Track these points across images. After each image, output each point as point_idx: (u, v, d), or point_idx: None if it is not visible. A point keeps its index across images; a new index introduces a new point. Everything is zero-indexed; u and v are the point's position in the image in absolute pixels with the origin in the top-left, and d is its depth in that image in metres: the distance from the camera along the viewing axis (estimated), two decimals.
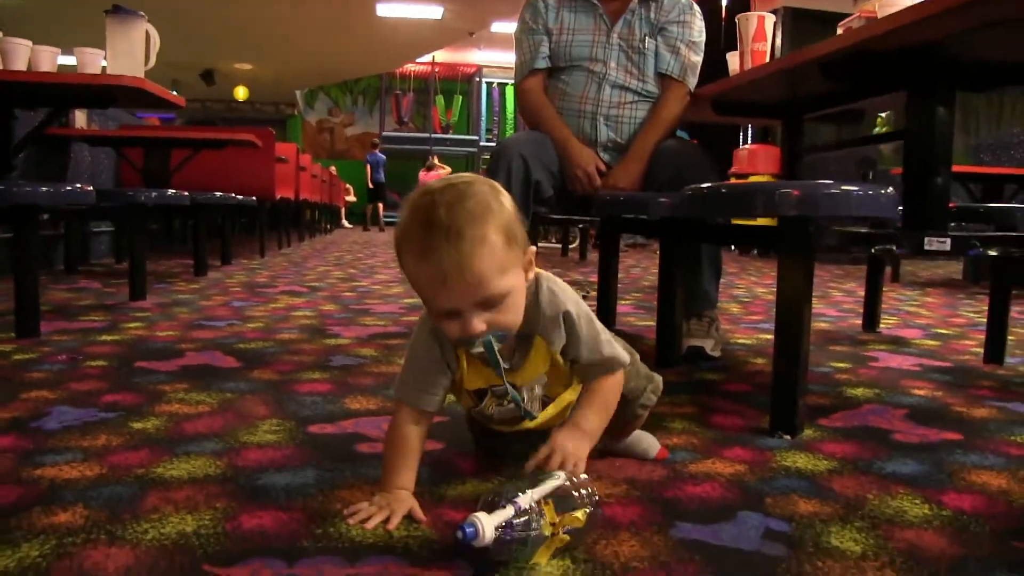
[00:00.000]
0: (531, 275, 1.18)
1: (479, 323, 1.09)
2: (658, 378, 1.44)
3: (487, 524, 0.97)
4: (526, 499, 1.01)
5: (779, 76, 2.20)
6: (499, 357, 1.16)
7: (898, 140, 2.10)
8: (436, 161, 17.10)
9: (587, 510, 1.04)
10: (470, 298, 1.08)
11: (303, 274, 5.30)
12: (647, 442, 1.49)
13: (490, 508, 1.00)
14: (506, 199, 1.12)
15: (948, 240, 1.74)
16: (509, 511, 0.99)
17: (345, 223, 18.46)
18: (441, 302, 1.09)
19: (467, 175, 1.14)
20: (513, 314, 1.14)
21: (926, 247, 1.74)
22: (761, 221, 1.96)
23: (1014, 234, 1.91)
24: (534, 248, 1.18)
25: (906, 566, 1.05)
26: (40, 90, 3.09)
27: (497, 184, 1.14)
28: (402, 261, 1.11)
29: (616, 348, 1.27)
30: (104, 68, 3.07)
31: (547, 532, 1.00)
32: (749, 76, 2.35)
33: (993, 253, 1.86)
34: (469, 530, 0.96)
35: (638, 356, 1.41)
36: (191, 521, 1.14)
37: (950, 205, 2.05)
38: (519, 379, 1.25)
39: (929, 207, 1.87)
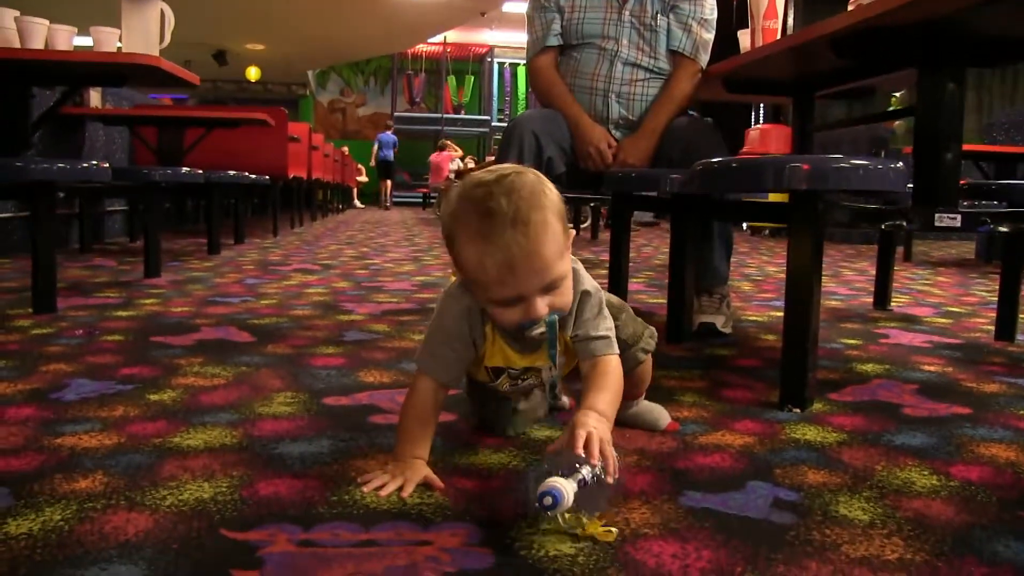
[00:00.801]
0: (569, 256, 1.20)
1: (543, 306, 1.13)
2: (651, 327, 1.46)
3: (569, 490, 0.98)
4: (588, 474, 1.02)
5: (790, 53, 2.20)
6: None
7: (908, 116, 2.10)
8: (448, 142, 17.09)
9: (614, 531, 1.03)
10: (537, 283, 1.11)
11: (316, 252, 5.32)
12: (657, 412, 1.51)
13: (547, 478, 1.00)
14: (552, 186, 1.15)
15: (959, 216, 1.75)
16: (573, 484, 0.99)
17: (357, 203, 18.49)
18: (507, 289, 1.11)
19: (508, 166, 1.16)
20: (568, 295, 1.18)
21: (936, 223, 1.74)
22: (773, 197, 1.97)
23: None
24: (573, 231, 1.20)
25: (913, 534, 1.06)
26: (56, 68, 3.11)
27: (539, 173, 1.16)
28: (460, 252, 1.13)
29: (611, 338, 1.27)
30: (119, 47, 3.08)
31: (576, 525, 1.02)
32: (760, 54, 2.35)
33: (1004, 230, 1.86)
34: (557, 495, 0.96)
35: (631, 309, 1.44)
36: (208, 488, 1.16)
37: (961, 182, 2.05)
38: (539, 362, 1.27)
39: (939, 183, 1.87)
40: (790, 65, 2.43)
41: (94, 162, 2.71)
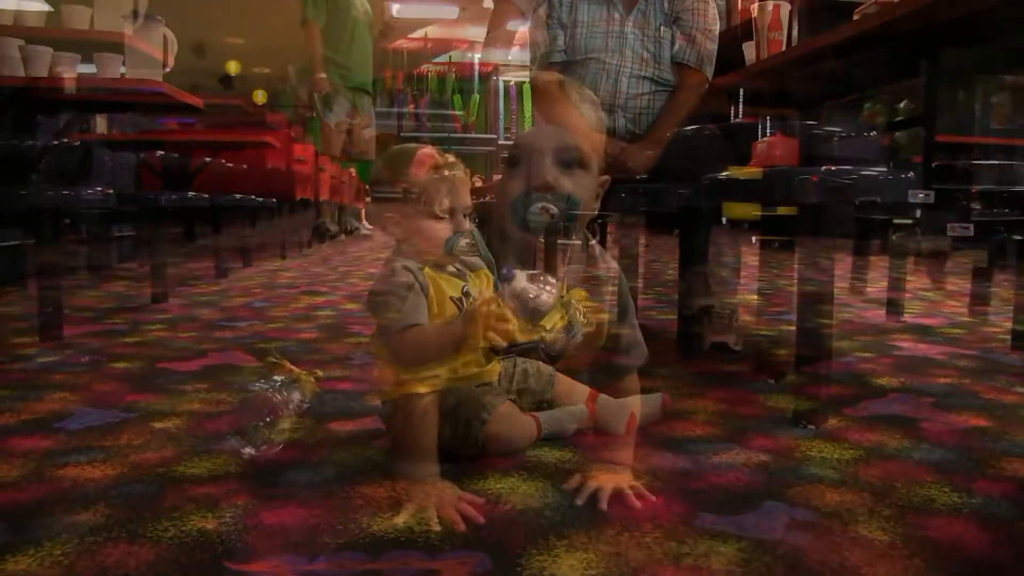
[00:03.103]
0: None
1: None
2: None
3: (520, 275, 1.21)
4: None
5: (795, 64, 2.18)
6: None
7: (917, 126, 2.08)
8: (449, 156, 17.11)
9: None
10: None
11: (324, 274, 5.31)
12: (642, 399, 1.53)
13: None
14: None
15: (971, 226, 1.72)
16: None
17: (365, 223, 18.52)
18: (462, 199, 1.39)
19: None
20: None
21: (948, 233, 1.72)
22: (782, 210, 1.95)
23: None
24: None
25: (936, 554, 1.03)
26: (61, 95, 3.11)
27: None
28: (434, 179, 1.37)
29: None
30: (123, 73, 3.09)
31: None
32: (765, 65, 2.33)
33: (1018, 238, 1.83)
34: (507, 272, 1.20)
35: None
36: (212, 518, 1.14)
37: (972, 190, 2.02)
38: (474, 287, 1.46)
39: (950, 192, 1.84)
40: (796, 76, 2.41)
41: (99, 188, 2.70)
